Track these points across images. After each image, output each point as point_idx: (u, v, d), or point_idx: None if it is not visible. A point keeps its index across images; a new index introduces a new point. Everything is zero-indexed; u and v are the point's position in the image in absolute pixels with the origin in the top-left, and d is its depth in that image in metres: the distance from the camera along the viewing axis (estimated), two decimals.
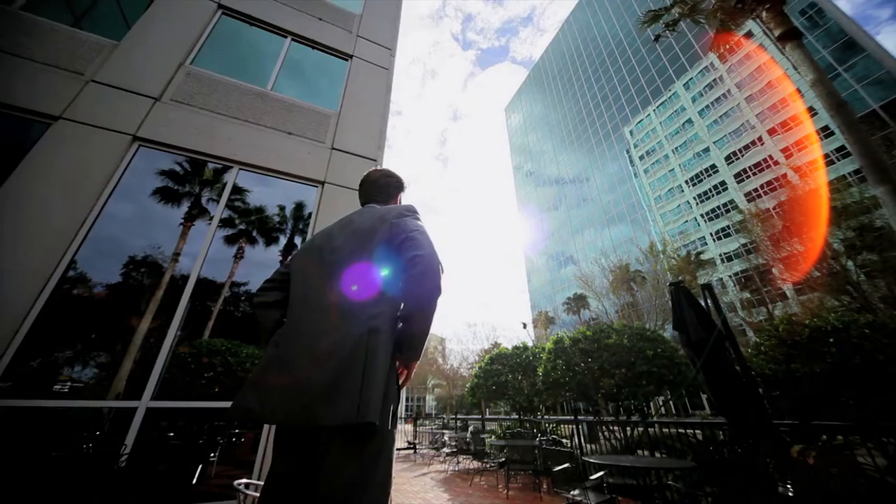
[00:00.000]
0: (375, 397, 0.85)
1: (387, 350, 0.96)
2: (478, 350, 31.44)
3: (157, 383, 3.38)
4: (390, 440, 0.94)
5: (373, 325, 0.97)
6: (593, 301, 27.07)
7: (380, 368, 0.90)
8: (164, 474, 3.38)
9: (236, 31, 6.01)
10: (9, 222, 3.38)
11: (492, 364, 8.55)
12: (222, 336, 3.96)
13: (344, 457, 0.85)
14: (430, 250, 1.06)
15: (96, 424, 3.28)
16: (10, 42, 4.26)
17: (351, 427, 0.84)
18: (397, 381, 1.03)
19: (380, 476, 0.87)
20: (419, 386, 53.28)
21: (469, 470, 6.20)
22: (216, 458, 3.61)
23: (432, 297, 1.01)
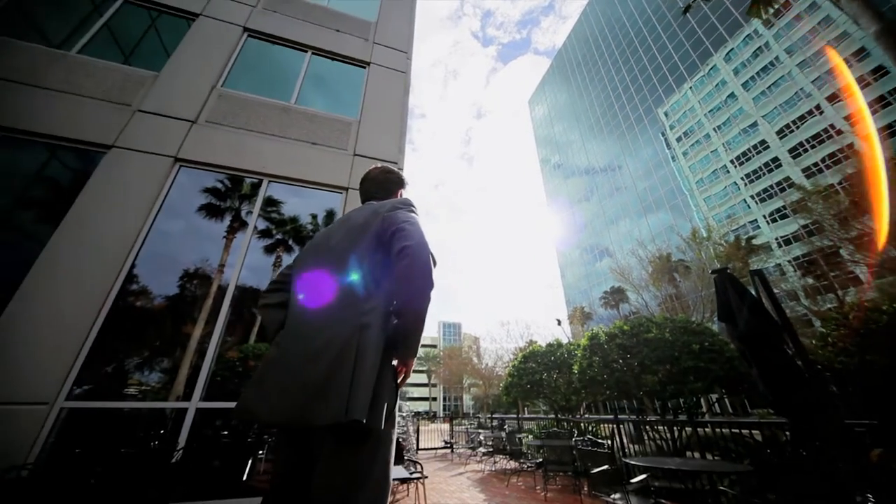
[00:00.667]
0: (363, 396, 0.84)
1: (377, 347, 0.94)
2: (513, 349, 30.99)
3: (204, 386, 3.63)
4: (387, 439, 0.92)
5: (364, 322, 0.96)
6: (632, 294, 25.73)
7: (368, 366, 0.89)
8: (217, 470, 3.63)
9: (261, 51, 6.34)
10: (73, 244, 3.78)
11: (525, 362, 8.36)
12: (265, 341, 4.17)
13: (338, 456, 0.84)
14: (419, 240, 1.03)
15: (161, 423, 3.57)
16: (72, 83, 4.77)
17: (343, 426, 0.83)
18: (395, 379, 1.01)
19: (376, 475, 0.85)
20: (455, 385, 53.45)
21: (506, 470, 6.10)
22: (264, 455, 3.79)
23: (421, 289, 0.98)
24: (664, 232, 42.23)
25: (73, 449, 3.18)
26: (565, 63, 70.46)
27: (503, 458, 6.76)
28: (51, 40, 5.15)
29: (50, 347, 3.30)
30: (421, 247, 1.01)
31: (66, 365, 3.28)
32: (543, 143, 75.03)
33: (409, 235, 1.02)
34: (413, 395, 73.45)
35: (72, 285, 3.59)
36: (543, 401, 8.79)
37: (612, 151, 55.17)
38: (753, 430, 4.39)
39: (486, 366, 37.25)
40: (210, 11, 6.17)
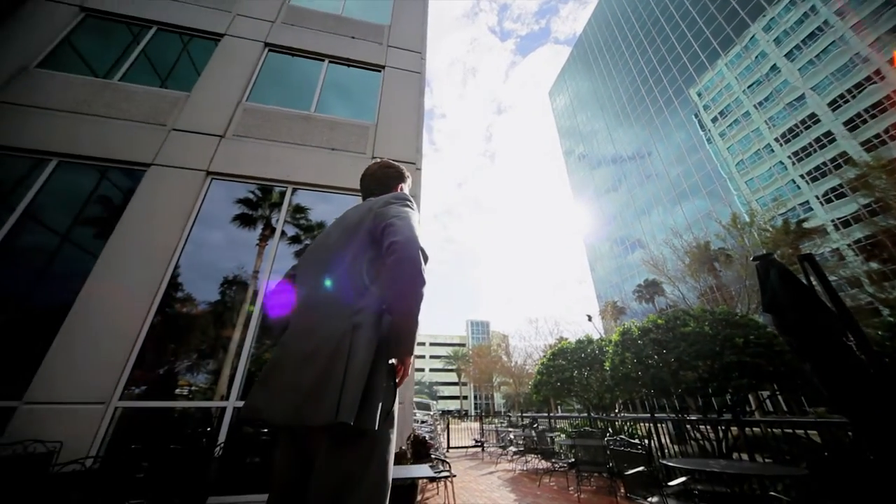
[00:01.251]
0: (349, 397, 0.83)
1: (369, 346, 0.93)
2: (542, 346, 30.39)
3: (240, 386, 3.82)
4: (384, 440, 0.91)
5: (356, 321, 0.95)
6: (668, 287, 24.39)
7: (358, 366, 0.88)
8: (254, 465, 3.80)
9: (281, 64, 6.58)
10: (120, 256, 4.10)
11: (554, 359, 8.15)
12: None
13: (332, 456, 0.85)
14: (408, 235, 1.00)
15: (207, 422, 3.80)
16: (115, 109, 5.18)
17: (336, 427, 0.83)
18: (392, 379, 0.99)
19: (372, 476, 0.84)
20: (486, 384, 53.19)
21: (537, 470, 5.98)
22: None
23: (410, 286, 0.95)
24: (701, 219, 39.67)
25: (128, 444, 3.46)
26: (586, 50, 68.00)
27: (535, 458, 6.63)
28: (97, 71, 5.62)
29: (105, 351, 3.60)
30: (409, 242, 0.98)
31: (119, 367, 3.56)
32: (566, 134, 72.84)
33: (397, 231, 1.00)
34: (443, 395, 73.87)
35: (121, 294, 3.90)
36: (576, 399, 8.54)
37: (640, 138, 52.58)
38: (810, 430, 4.01)
39: (516, 364, 36.75)
40: (234, 31, 6.49)
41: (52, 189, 4.48)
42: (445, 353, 64.61)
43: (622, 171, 55.53)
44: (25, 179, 4.44)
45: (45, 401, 3.24)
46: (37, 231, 4.31)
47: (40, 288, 4.11)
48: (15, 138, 4.53)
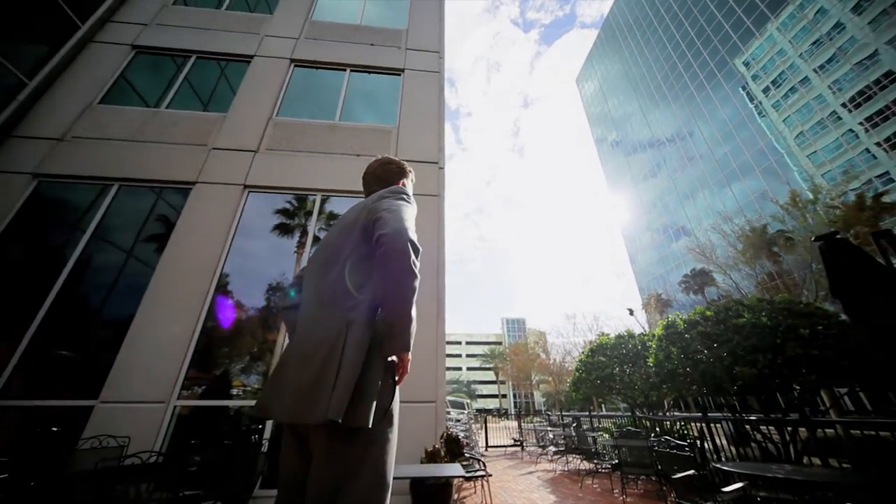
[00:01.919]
0: (339, 395, 0.83)
1: (360, 344, 0.92)
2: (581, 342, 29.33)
3: None
4: (381, 438, 0.90)
5: (350, 318, 0.95)
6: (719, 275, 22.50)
7: (348, 364, 0.88)
8: None
9: (306, 78, 6.87)
10: (172, 267, 4.49)
11: (593, 356, 7.80)
12: None
13: (327, 454, 0.85)
14: (396, 227, 0.98)
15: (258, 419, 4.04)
16: (163, 134, 5.66)
17: (331, 425, 0.83)
18: (391, 376, 0.98)
19: (367, 474, 0.84)
20: (524, 382, 52.34)
21: (579, 471, 5.75)
22: None
23: (399, 279, 0.93)
24: (755, 201, 36.16)
25: (187, 439, 3.78)
26: (614, 30, 64.55)
27: (576, 458, 6.39)
28: (148, 101, 6.19)
29: (163, 355, 3.95)
30: (397, 234, 0.95)
31: (176, 369, 3.90)
32: (597, 121, 69.62)
33: (385, 223, 0.99)
34: (482, 393, 73.61)
35: (174, 303, 4.26)
36: (619, 397, 8.12)
37: (679, 118, 49.00)
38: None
39: (555, 361, 35.76)
40: (262, 51, 6.87)
41: (116, 211, 5.00)
42: (482, 352, 64.33)
43: (661, 155, 52.07)
44: (94, 203, 4.98)
45: (115, 400, 3.62)
46: (105, 249, 4.83)
47: (110, 300, 4.59)
48: (84, 168, 5.11)
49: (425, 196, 5.47)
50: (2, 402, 3.60)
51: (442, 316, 4.52)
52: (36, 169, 4.96)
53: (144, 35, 6.72)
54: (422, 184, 5.58)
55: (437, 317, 4.48)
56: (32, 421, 3.68)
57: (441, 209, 5.38)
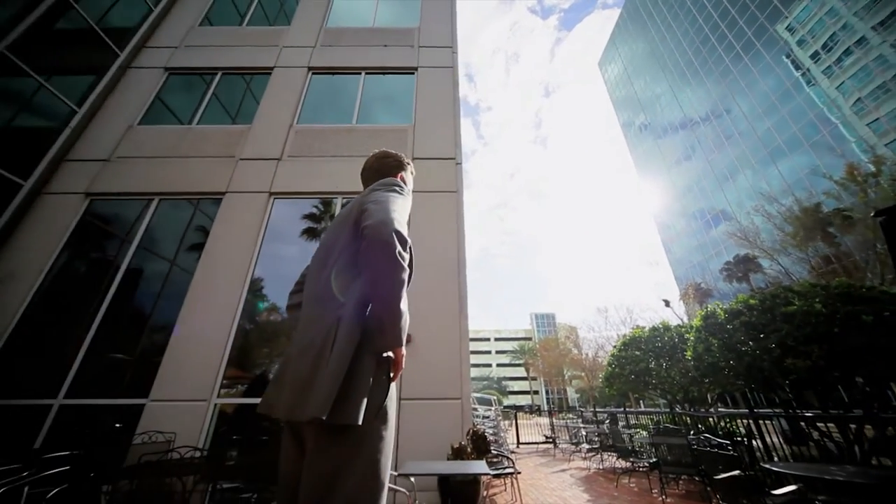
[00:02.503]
0: (323, 392, 0.82)
1: (348, 339, 0.91)
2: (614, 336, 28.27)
3: None
4: (373, 435, 0.87)
5: (339, 314, 0.94)
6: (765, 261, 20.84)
7: (334, 361, 0.87)
8: None
9: (324, 84, 7.04)
10: (208, 273, 4.75)
11: (626, 350, 7.48)
12: None
13: (317, 452, 0.85)
14: (380, 217, 0.95)
15: None
16: (196, 148, 6.00)
17: (320, 422, 0.82)
18: (385, 372, 0.96)
19: (358, 471, 0.82)
20: (556, 378, 51.28)
21: (615, 469, 5.54)
22: None
23: (384, 270, 0.90)
24: (804, 178, 33.09)
25: (228, 435, 4.00)
26: (638, 7, 61.21)
27: (612, 456, 6.17)
28: (181, 119, 6.59)
29: (203, 356, 4.20)
30: (381, 224, 0.92)
31: (215, 369, 4.13)
32: (623, 105, 66.49)
33: (370, 214, 0.96)
34: (513, 389, 72.93)
35: (211, 307, 4.52)
36: (657, 393, 7.73)
37: (713, 95, 45.76)
38: None
39: (587, 356, 34.71)
40: (281, 62, 7.11)
41: (158, 223, 5.37)
42: (511, 348, 63.69)
43: (694, 136, 48.94)
44: (139, 217, 5.37)
45: (162, 399, 3.90)
46: (149, 258, 5.21)
47: (156, 305, 4.94)
48: (128, 185, 5.52)
49: (443, 193, 5.45)
50: (68, 401, 3.98)
51: (464, 312, 4.49)
52: (87, 189, 5.42)
53: (175, 57, 7.15)
54: (439, 180, 5.56)
55: (460, 313, 4.45)
56: (95, 418, 4.04)
57: (459, 205, 5.33)
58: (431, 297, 4.58)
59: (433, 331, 4.34)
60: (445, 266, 4.79)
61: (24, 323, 4.41)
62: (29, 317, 4.47)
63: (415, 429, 3.81)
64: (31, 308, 4.51)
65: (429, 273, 4.78)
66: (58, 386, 4.04)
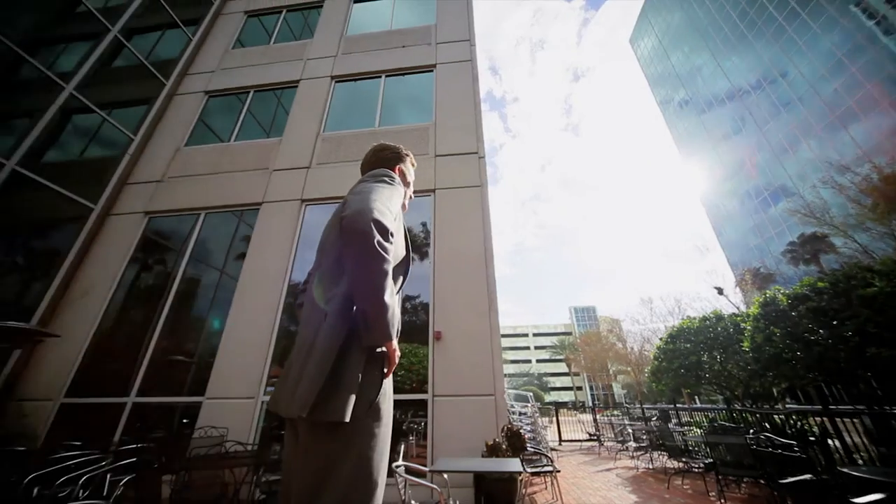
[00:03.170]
0: (304, 389, 0.82)
1: (333, 335, 0.89)
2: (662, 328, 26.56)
3: None
4: (364, 433, 0.85)
5: (326, 311, 0.93)
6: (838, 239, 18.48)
7: (317, 357, 0.86)
8: None
9: (346, 91, 7.23)
10: (250, 282, 5.06)
11: (673, 342, 6.96)
12: (406, 341, 4.51)
13: (308, 448, 0.84)
14: (357, 207, 0.91)
15: None
16: (235, 163, 6.42)
17: (309, 419, 0.82)
18: (378, 368, 0.93)
19: (348, 468, 0.80)
20: (600, 373, 49.31)
21: (667, 469, 5.18)
22: (414, 441, 4.18)
23: (362, 261, 0.87)
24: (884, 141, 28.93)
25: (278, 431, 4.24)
26: None
27: (662, 456, 5.79)
28: (221, 137, 7.08)
29: (249, 356, 4.49)
30: (357, 214, 0.89)
31: (260, 368, 4.40)
32: (659, 81, 62.03)
33: (348, 205, 0.93)
34: (554, 385, 71.12)
35: (254, 310, 4.81)
36: (713, 388, 7.13)
37: (765, 59, 41.28)
38: None
39: (632, 350, 32.91)
40: (306, 74, 7.40)
41: (205, 235, 5.82)
42: (550, 344, 62.12)
43: (744, 107, 44.53)
44: (190, 231, 5.84)
45: (216, 397, 4.22)
46: (199, 267, 5.66)
47: (209, 310, 5.36)
48: (178, 202, 6.03)
49: (467, 188, 5.38)
50: (139, 399, 4.43)
51: (494, 307, 4.41)
52: (146, 208, 5.99)
53: (213, 80, 7.70)
54: (462, 176, 5.50)
55: (489, 308, 4.38)
56: (163, 414, 4.48)
57: (484, 199, 5.24)
58: (459, 293, 4.55)
59: (462, 327, 4.31)
60: (472, 262, 4.74)
61: (100, 331, 4.97)
62: (103, 326, 5.04)
63: (448, 426, 3.81)
64: (105, 318, 5.07)
65: (455, 269, 4.75)
66: (129, 386, 4.52)
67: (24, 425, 4.21)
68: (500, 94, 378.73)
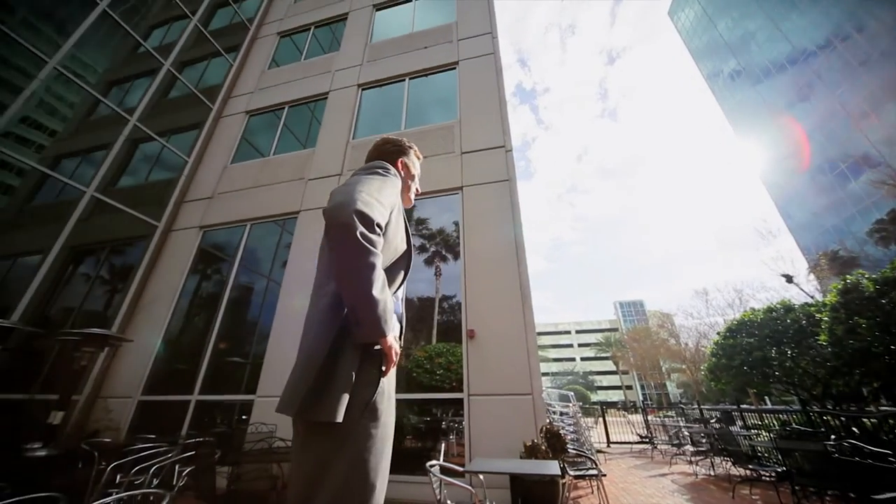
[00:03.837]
0: (290, 389, 0.81)
1: (322, 333, 0.87)
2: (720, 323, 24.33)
3: None
4: (360, 433, 0.81)
5: (318, 306, 0.91)
6: None
7: (306, 356, 0.84)
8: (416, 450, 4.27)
9: (372, 98, 7.42)
10: (291, 288, 5.35)
11: (732, 336, 6.31)
12: (444, 341, 4.58)
13: (302, 448, 0.83)
14: (339, 200, 0.87)
15: None
16: (275, 176, 6.82)
17: (301, 419, 0.81)
18: (375, 366, 0.89)
19: (340, 468, 0.77)
20: (652, 372, 46.39)
21: (731, 477, 4.70)
22: (455, 439, 4.18)
23: (344, 255, 0.83)
24: None
25: None
26: None
27: (726, 461, 5.27)
28: (262, 152, 7.58)
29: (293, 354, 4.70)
30: (338, 207, 0.85)
31: None
32: (705, 53, 56.86)
33: (332, 197, 0.90)
34: (602, 385, 67.97)
35: (294, 312, 5.08)
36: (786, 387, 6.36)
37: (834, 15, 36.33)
38: None
39: (686, 346, 30.45)
40: (335, 86, 7.70)
41: (252, 244, 6.26)
42: (595, 341, 59.48)
43: (810, 71, 39.42)
44: (238, 242, 6.30)
45: (265, 395, 4.50)
46: (249, 275, 6.09)
47: (259, 314, 5.75)
48: (227, 215, 6.53)
49: (495, 183, 5.28)
50: (202, 397, 4.86)
51: (528, 304, 4.27)
52: (200, 223, 6.56)
53: (252, 100, 8.26)
54: (490, 171, 5.40)
55: (523, 304, 4.25)
56: (223, 411, 4.87)
57: (513, 193, 5.10)
58: (491, 290, 4.47)
59: (496, 325, 4.22)
60: (503, 258, 4.63)
61: (167, 335, 5.52)
62: (170, 330, 5.59)
63: (485, 425, 3.75)
64: (171, 323, 5.63)
65: (486, 267, 4.68)
66: (193, 385, 4.97)
67: (110, 420, 4.79)
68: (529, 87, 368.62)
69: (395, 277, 1.05)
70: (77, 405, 4.85)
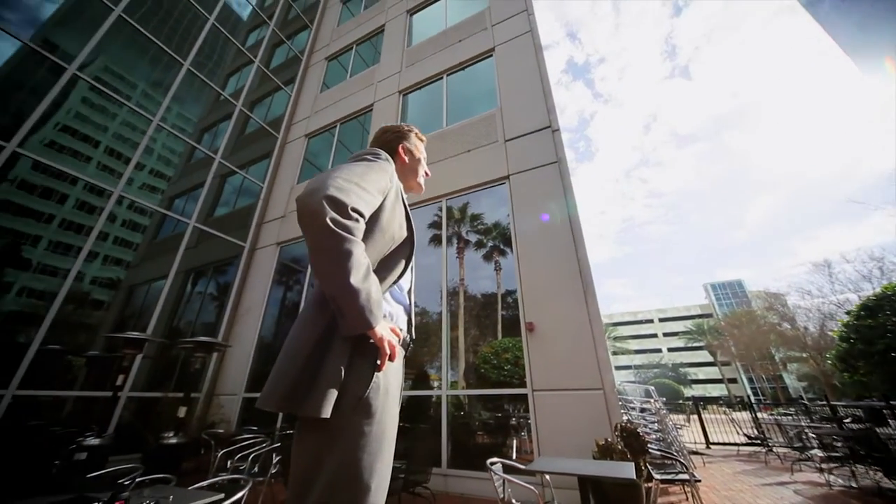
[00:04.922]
0: (272, 384, 0.78)
1: (305, 327, 0.83)
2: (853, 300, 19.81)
3: (446, 376, 4.45)
4: (352, 430, 0.77)
5: (308, 300, 0.88)
6: None
7: (291, 350, 0.81)
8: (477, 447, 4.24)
9: (413, 100, 7.57)
10: None
11: (870, 315, 5.04)
12: (509, 335, 4.53)
13: (296, 444, 0.81)
14: (310, 187, 0.81)
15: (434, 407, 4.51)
16: None
17: (299, 415, 0.79)
18: (369, 360, 0.83)
19: (332, 470, 0.74)
20: (761, 362, 39.85)
21: (883, 490, 3.75)
22: (526, 436, 4.05)
23: (316, 244, 0.78)
24: None
25: None
26: None
27: (874, 471, 4.24)
28: (321, 168, 8.26)
29: None
30: (307, 196, 0.80)
31: None
32: None
33: (307, 185, 0.85)
34: (697, 378, 60.32)
35: None
36: None
37: None
38: None
39: (806, 331, 25.32)
40: (377, 96, 8.03)
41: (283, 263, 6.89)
42: (684, 329, 53.09)
43: None
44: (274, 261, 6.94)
45: None
46: (286, 289, 6.71)
47: None
48: (296, 231, 7.21)
49: (544, 166, 4.98)
50: None
51: (591, 291, 3.93)
52: (277, 240, 7.38)
53: (310, 124, 9.04)
54: (537, 154, 5.10)
55: (585, 292, 3.93)
56: None
57: (565, 174, 4.75)
58: (547, 280, 4.23)
59: (556, 316, 3.98)
60: (559, 245, 4.35)
61: (259, 340, 6.32)
62: (262, 336, 6.39)
63: (552, 422, 3.56)
64: (262, 330, 6.43)
65: (540, 255, 4.44)
66: None
67: (223, 413, 5.64)
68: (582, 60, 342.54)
69: (396, 266, 1.00)
70: (198, 402, 5.82)
